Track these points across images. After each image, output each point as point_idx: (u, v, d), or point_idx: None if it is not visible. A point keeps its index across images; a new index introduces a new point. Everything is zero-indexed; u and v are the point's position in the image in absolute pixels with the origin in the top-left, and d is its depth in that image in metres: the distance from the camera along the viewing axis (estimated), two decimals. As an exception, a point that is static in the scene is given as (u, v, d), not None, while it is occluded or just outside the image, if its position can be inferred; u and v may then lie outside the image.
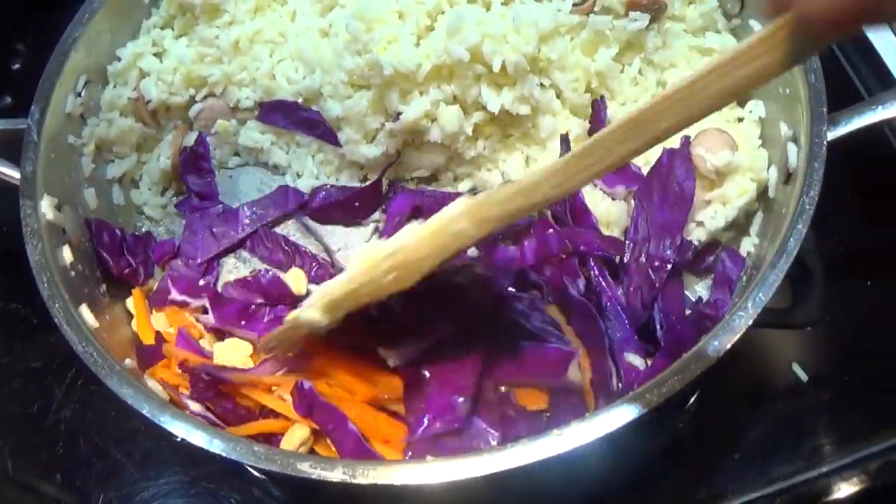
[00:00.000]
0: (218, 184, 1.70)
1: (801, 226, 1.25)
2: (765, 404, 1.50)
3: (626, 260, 1.41)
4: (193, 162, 1.68)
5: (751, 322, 1.17)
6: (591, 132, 1.54)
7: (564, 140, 1.53)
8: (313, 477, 1.11)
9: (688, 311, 1.41)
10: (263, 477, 1.48)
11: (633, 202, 1.46)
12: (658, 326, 1.37)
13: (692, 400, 1.50)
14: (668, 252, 1.39)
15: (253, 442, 1.19)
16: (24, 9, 2.20)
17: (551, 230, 1.47)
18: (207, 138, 1.71)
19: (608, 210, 1.49)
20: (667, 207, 1.42)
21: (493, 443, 1.26)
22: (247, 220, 1.61)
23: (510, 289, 1.41)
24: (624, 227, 1.48)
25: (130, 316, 1.52)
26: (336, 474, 1.11)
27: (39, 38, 2.17)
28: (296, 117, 1.65)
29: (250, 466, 1.42)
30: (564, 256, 1.42)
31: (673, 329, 1.36)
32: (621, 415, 1.10)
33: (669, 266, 1.39)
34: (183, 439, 1.20)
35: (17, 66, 2.17)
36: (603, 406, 1.25)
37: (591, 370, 1.31)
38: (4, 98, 2.10)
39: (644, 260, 1.40)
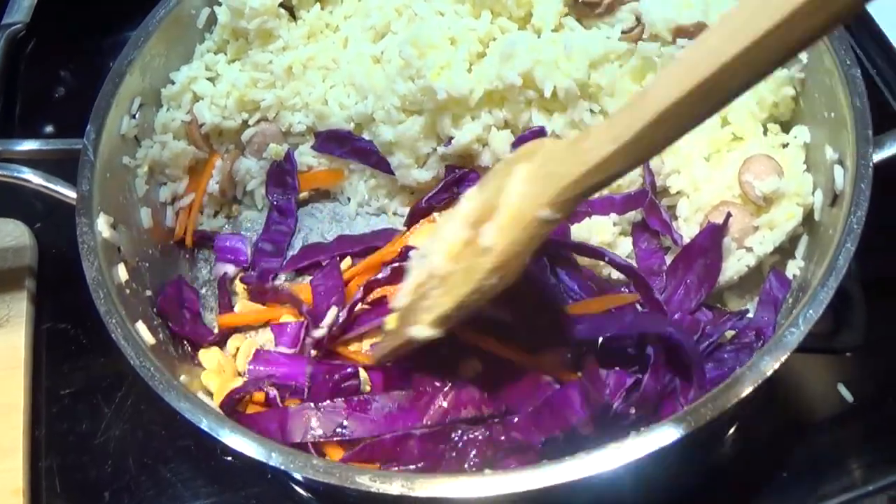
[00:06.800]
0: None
1: (849, 244, 1.26)
2: (809, 428, 1.50)
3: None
4: (280, 177, 1.71)
5: (802, 338, 1.18)
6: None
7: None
8: (372, 490, 1.11)
9: (732, 333, 1.42)
10: (310, 496, 1.48)
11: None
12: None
13: (732, 430, 1.51)
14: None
15: (311, 455, 1.20)
16: (68, 37, 2.24)
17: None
18: (259, 162, 1.74)
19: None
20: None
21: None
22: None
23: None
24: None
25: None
26: (395, 487, 1.11)
27: (83, 66, 2.22)
28: (350, 147, 1.67)
29: (299, 485, 1.45)
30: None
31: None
32: (671, 431, 1.11)
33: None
34: (235, 457, 1.20)
35: (59, 95, 2.20)
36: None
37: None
38: (47, 126, 2.13)
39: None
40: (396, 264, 1.47)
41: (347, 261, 1.59)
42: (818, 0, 0.79)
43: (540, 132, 1.54)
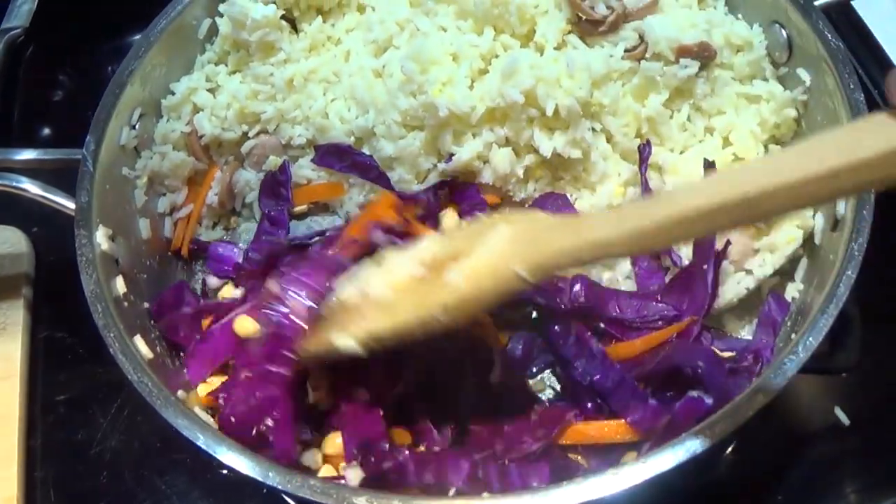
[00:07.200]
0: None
1: (850, 272, 1.26)
2: (805, 449, 1.50)
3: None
4: (273, 188, 1.71)
5: (801, 365, 1.18)
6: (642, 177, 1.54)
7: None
8: (369, 512, 1.11)
9: (730, 354, 1.40)
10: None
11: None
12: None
13: (729, 449, 1.50)
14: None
15: (308, 475, 1.19)
16: (67, 41, 2.24)
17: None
18: (259, 174, 1.73)
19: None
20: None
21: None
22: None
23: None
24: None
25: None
26: (393, 510, 1.10)
27: (81, 71, 2.21)
28: (350, 161, 1.66)
29: (295, 499, 1.44)
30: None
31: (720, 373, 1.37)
32: (673, 456, 1.11)
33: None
34: (230, 472, 1.19)
35: (58, 99, 2.19)
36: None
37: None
38: (44, 130, 2.12)
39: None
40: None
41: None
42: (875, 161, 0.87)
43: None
